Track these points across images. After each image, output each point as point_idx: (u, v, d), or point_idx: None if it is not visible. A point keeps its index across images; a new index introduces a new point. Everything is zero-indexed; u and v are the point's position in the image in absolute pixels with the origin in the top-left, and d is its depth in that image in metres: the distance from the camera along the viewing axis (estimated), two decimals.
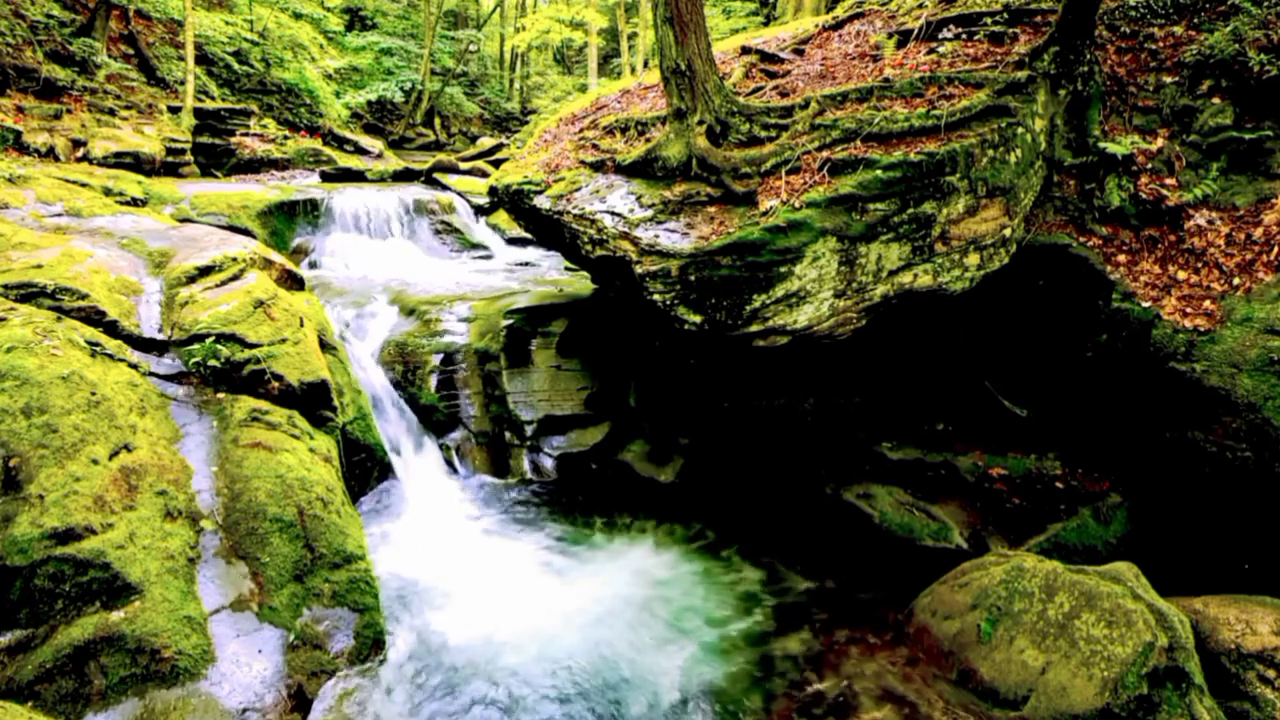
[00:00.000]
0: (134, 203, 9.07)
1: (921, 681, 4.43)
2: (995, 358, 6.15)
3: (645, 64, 19.62)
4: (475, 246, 12.29)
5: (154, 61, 14.03)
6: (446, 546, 5.77)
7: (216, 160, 13.32)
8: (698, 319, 5.31)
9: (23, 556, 3.68)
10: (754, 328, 5.26)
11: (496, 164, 14.41)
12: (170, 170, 11.67)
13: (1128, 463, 5.52)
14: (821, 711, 4.24)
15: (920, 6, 7.35)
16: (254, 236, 9.11)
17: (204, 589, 4.10)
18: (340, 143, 17.52)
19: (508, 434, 7.17)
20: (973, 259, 5.50)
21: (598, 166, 6.54)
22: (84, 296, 5.26)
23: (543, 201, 6.55)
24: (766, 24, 18.21)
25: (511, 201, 7.12)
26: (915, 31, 6.84)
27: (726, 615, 5.17)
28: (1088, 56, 5.96)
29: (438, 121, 25.49)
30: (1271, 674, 3.95)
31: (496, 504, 6.56)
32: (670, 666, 4.62)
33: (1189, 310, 5.18)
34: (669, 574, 5.65)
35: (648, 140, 6.54)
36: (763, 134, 5.93)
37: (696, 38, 5.88)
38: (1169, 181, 5.75)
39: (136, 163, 10.82)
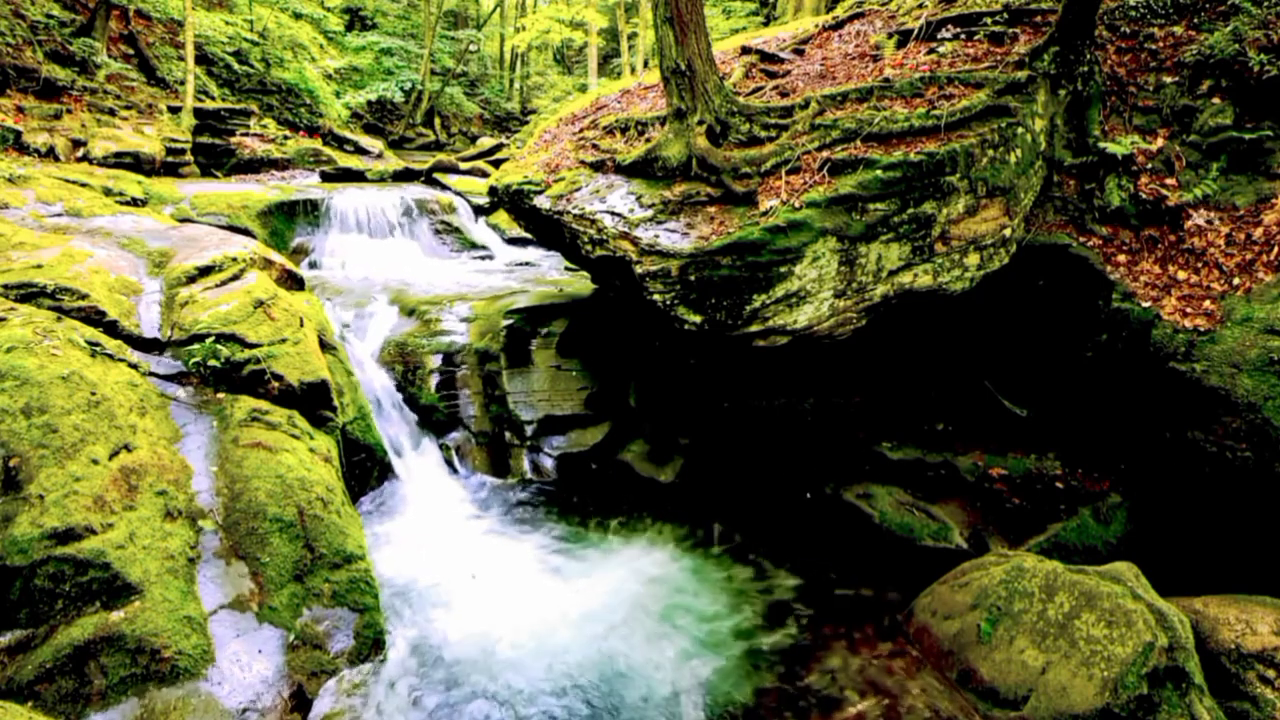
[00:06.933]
0: (134, 203, 9.07)
1: (921, 681, 4.43)
2: (995, 358, 6.15)
3: (645, 64, 19.62)
4: (475, 246, 12.29)
5: (154, 61, 14.02)
6: (446, 546, 5.76)
7: (216, 160, 13.31)
8: (698, 319, 5.30)
9: (23, 556, 3.68)
10: (754, 328, 5.26)
11: (496, 164, 14.42)
12: (170, 170, 11.66)
13: (1128, 463, 5.52)
14: (820, 711, 4.24)
15: (920, 6, 7.35)
16: (254, 236, 9.12)
17: (204, 589, 4.10)
18: (340, 143, 17.51)
19: (508, 434, 7.17)
20: (973, 259, 5.51)
21: (598, 166, 6.54)
22: (84, 296, 5.26)
23: (543, 201, 6.55)
24: (766, 24, 18.21)
25: (511, 201, 7.12)
26: (915, 31, 6.84)
27: (724, 614, 5.16)
28: (1088, 56, 5.96)
29: (438, 121, 25.49)
30: (1271, 674, 3.94)
31: (497, 504, 6.56)
32: (664, 660, 4.62)
33: (1189, 310, 5.18)
34: (669, 574, 5.64)
35: (648, 140, 6.54)
36: (763, 134, 5.93)
37: (696, 38, 5.88)
38: (1169, 181, 5.75)
39: (136, 163, 10.81)
